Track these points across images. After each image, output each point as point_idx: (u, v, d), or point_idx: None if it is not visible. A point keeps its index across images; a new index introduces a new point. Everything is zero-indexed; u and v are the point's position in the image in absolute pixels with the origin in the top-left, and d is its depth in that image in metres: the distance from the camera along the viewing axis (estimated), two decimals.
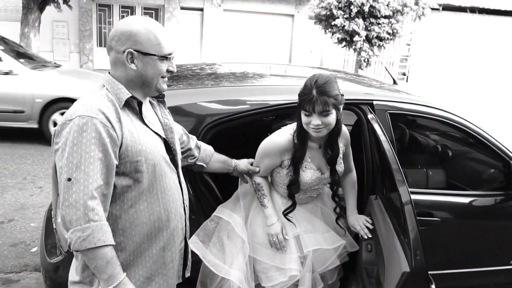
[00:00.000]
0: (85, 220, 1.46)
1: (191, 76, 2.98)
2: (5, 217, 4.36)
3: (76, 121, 1.51)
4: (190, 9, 17.51)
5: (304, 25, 18.05)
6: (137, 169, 1.62)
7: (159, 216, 1.71)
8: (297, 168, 2.20)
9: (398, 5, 13.99)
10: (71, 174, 1.48)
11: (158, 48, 1.64)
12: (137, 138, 1.62)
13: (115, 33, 1.64)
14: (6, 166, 5.77)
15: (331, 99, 2.01)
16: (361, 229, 2.34)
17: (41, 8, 12.88)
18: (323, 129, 2.08)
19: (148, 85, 1.69)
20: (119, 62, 1.65)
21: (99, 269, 1.51)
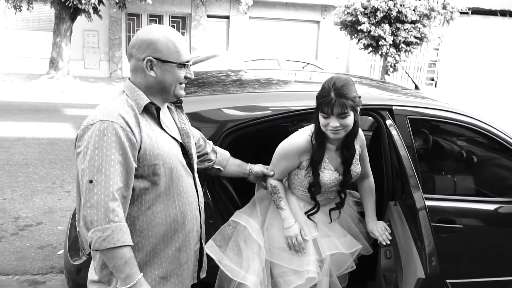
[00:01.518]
0: (105, 220, 1.53)
1: (216, 83, 3.03)
2: (33, 220, 4.50)
3: (97, 126, 1.58)
4: (216, 17, 17.72)
5: (329, 31, 18.01)
6: (154, 172, 1.68)
7: (175, 218, 1.76)
8: (316, 170, 2.22)
9: (425, 10, 13.81)
10: (92, 176, 1.54)
11: (177, 56, 1.71)
12: (155, 142, 1.68)
13: (135, 41, 1.71)
14: (36, 171, 5.95)
15: (349, 101, 2.03)
16: (379, 235, 2.32)
17: (72, 18, 13.30)
18: (341, 131, 2.10)
19: (167, 91, 1.75)
20: (139, 69, 1.71)
21: (117, 269, 1.57)
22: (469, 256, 2.68)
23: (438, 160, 3.37)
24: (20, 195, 5.13)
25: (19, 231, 4.25)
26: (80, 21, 13.83)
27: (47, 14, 15.49)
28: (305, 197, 2.33)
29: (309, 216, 2.30)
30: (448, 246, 2.54)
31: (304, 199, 2.34)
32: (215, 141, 2.33)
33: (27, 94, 12.12)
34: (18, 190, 5.25)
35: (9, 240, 4.08)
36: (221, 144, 2.35)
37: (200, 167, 2.15)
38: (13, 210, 4.72)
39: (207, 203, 2.32)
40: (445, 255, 2.55)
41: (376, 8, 13.82)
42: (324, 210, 2.37)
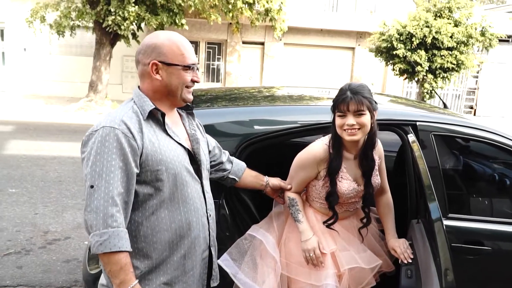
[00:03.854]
0: (103, 225, 1.53)
1: (247, 98, 3.05)
2: (62, 235, 4.58)
3: (100, 132, 1.60)
4: (251, 43, 18.02)
5: (365, 58, 17.96)
6: (157, 178, 1.67)
7: (180, 224, 1.74)
8: (333, 179, 2.17)
9: (462, 37, 13.59)
10: (93, 181, 1.56)
11: (182, 59, 1.72)
12: (158, 148, 1.67)
13: (141, 47, 1.74)
14: (69, 187, 6.09)
15: (365, 100, 2.04)
16: (401, 253, 2.22)
17: (112, 43, 13.79)
18: (358, 131, 2.07)
19: (174, 95, 1.76)
20: (145, 74, 1.73)
21: (113, 274, 1.56)
22: (496, 280, 2.53)
23: (468, 180, 3.23)
24: (51, 210, 5.25)
25: (47, 245, 4.33)
26: (119, 46, 14.34)
27: (89, 40, 16.15)
28: (323, 210, 2.28)
29: (329, 226, 2.24)
30: (475, 268, 2.41)
31: (322, 212, 2.29)
32: (235, 152, 2.32)
33: (66, 116, 12.58)
34: (50, 206, 5.38)
35: (37, 253, 4.16)
36: (240, 154, 2.34)
37: (215, 176, 2.14)
38: (43, 224, 4.83)
39: (223, 215, 2.30)
40: (471, 277, 2.43)
41: (411, 34, 13.72)
42: (344, 223, 2.30)
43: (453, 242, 2.36)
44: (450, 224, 2.39)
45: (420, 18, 13.80)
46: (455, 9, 13.99)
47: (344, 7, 18.16)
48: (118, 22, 12.38)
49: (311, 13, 17.35)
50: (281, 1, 14.12)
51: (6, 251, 4.14)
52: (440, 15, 14.04)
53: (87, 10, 12.75)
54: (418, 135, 2.45)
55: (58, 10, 13.25)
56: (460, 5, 14.07)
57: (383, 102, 2.98)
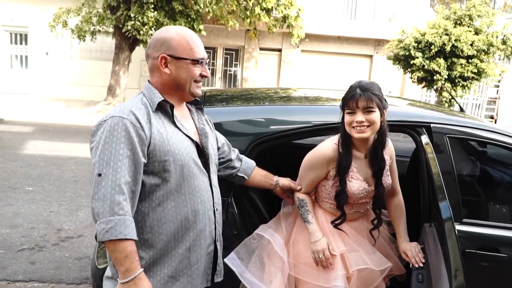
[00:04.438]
0: (110, 213, 1.53)
1: (262, 98, 3.05)
2: (75, 233, 4.62)
3: (109, 122, 1.62)
4: (269, 50, 18.06)
5: (383, 65, 17.83)
6: (165, 169, 1.68)
7: (186, 216, 1.74)
8: (343, 178, 2.15)
9: (483, 45, 13.39)
10: (101, 170, 1.57)
11: (190, 53, 1.73)
12: (166, 139, 1.68)
13: (151, 41, 1.76)
14: (84, 187, 6.16)
15: (375, 97, 2.02)
16: (412, 257, 2.17)
17: (131, 48, 13.97)
18: (367, 129, 2.04)
19: (182, 89, 1.77)
20: (155, 67, 1.75)
21: (118, 262, 1.56)
22: None
23: (484, 185, 3.16)
24: (65, 209, 5.31)
25: (60, 242, 4.38)
26: (138, 51, 14.51)
27: (109, 45, 16.38)
28: (333, 210, 2.25)
29: (337, 226, 2.21)
30: (490, 275, 2.35)
31: (332, 212, 2.25)
32: (245, 150, 2.31)
33: (85, 119, 12.76)
34: (65, 204, 5.44)
35: (50, 250, 4.20)
36: (250, 152, 2.33)
37: (224, 173, 2.13)
38: (58, 222, 4.88)
39: (232, 213, 2.29)
40: (485, 284, 2.37)
41: (430, 42, 13.58)
42: (353, 225, 2.27)
43: (467, 248, 2.31)
44: (464, 229, 2.34)
45: (440, 26, 13.66)
46: (475, 17, 13.81)
47: (362, 14, 18.09)
48: (137, 27, 12.55)
49: (329, 20, 17.33)
50: (298, 8, 14.15)
51: (20, 247, 4.19)
52: (460, 23, 13.88)
53: (107, 15, 12.96)
54: (432, 137, 2.40)
55: (79, 15, 13.49)
56: (481, 13, 13.89)
57: (399, 104, 2.95)
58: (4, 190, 5.80)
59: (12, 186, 6.00)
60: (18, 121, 11.64)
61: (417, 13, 17.30)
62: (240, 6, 13.52)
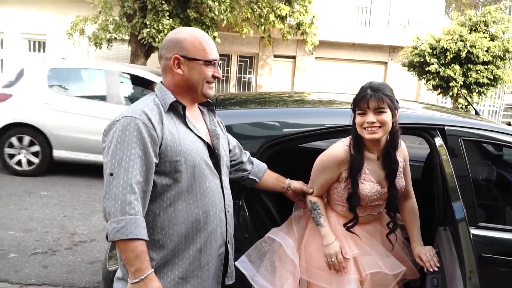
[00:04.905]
0: (121, 212, 1.53)
1: (277, 101, 3.04)
2: (88, 237, 4.65)
3: (121, 121, 1.62)
4: (283, 57, 18.08)
5: (397, 72, 17.71)
6: (176, 169, 1.67)
7: (197, 217, 1.73)
8: (355, 180, 2.12)
9: (499, 51, 13.22)
10: (113, 169, 1.57)
11: (203, 54, 1.73)
12: (177, 139, 1.68)
13: (164, 42, 1.77)
14: (98, 192, 6.20)
15: (386, 98, 2.01)
16: (427, 261, 2.13)
17: (146, 55, 14.09)
18: (378, 130, 2.01)
19: (194, 90, 1.77)
20: (167, 68, 1.75)
21: (128, 261, 1.56)
22: None
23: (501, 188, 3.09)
24: (79, 213, 5.34)
25: (73, 246, 4.40)
26: (154, 58, 14.63)
27: (125, 52, 16.56)
28: (346, 213, 2.22)
29: (350, 229, 2.18)
30: (507, 280, 2.29)
31: (345, 215, 2.22)
32: (255, 154, 2.29)
33: None
34: (79, 209, 5.49)
35: (63, 253, 4.22)
36: (261, 155, 2.31)
37: (235, 176, 2.12)
38: (71, 226, 4.91)
39: (243, 216, 2.27)
40: None
41: (445, 48, 13.45)
42: (366, 228, 2.23)
43: (484, 252, 2.26)
44: (480, 233, 2.29)
45: (455, 32, 13.53)
46: (491, 23, 13.66)
47: (376, 21, 18.02)
48: (152, 35, 12.65)
49: (343, 27, 17.30)
50: (313, 15, 14.14)
51: (33, 250, 4.23)
52: (475, 29, 13.74)
53: (123, 23, 13.10)
54: (446, 140, 2.36)
55: (96, 23, 13.66)
56: (496, 19, 13.73)
57: (414, 107, 2.92)
58: (19, 195, 5.87)
59: (27, 190, 6.07)
60: None
61: (432, 19, 17.19)
62: (255, 14, 13.57)
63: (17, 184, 6.30)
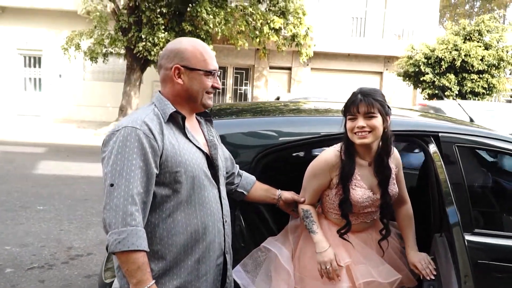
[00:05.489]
0: (122, 224, 1.52)
1: (273, 111, 3.05)
2: (84, 251, 4.61)
3: (122, 132, 1.61)
4: (278, 68, 18.18)
5: (393, 82, 17.83)
6: (176, 180, 1.66)
7: (196, 228, 1.72)
8: (346, 185, 2.10)
9: (493, 60, 13.33)
10: (113, 180, 1.56)
11: (204, 64, 1.74)
12: (178, 150, 1.68)
13: (164, 52, 1.77)
14: (94, 205, 6.17)
15: (376, 103, 2.00)
16: (423, 269, 2.12)
17: (142, 69, 14.16)
18: (369, 135, 2.01)
19: (194, 100, 1.77)
20: (167, 78, 1.75)
21: (130, 273, 1.54)
22: None
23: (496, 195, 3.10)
24: (75, 227, 5.31)
25: (69, 260, 4.37)
26: (149, 72, 14.72)
27: (121, 66, 16.65)
28: (339, 221, 2.20)
29: (343, 236, 2.16)
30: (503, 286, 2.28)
31: (338, 223, 2.21)
32: (250, 163, 2.29)
33: (97, 139, 12.86)
34: (75, 223, 5.45)
35: (59, 268, 4.19)
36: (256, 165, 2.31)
37: None
38: (67, 240, 4.88)
39: (239, 226, 2.26)
40: None
41: (440, 58, 13.57)
42: (361, 236, 2.22)
43: (480, 259, 2.25)
44: (476, 239, 2.28)
45: (449, 42, 13.66)
46: (485, 32, 13.80)
47: (371, 32, 18.17)
48: (148, 48, 12.74)
49: (338, 38, 17.43)
50: (307, 26, 14.26)
51: (30, 265, 4.19)
52: (469, 38, 13.87)
53: (119, 37, 13.19)
54: (441, 146, 2.37)
55: (92, 37, 13.75)
56: (490, 28, 13.87)
57: (409, 114, 2.93)
58: (16, 209, 5.83)
59: (24, 205, 6.04)
60: (30, 142, 11.78)
61: (426, 29, 17.35)
62: (249, 26, 13.68)
63: (13, 199, 6.27)
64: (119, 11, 13.54)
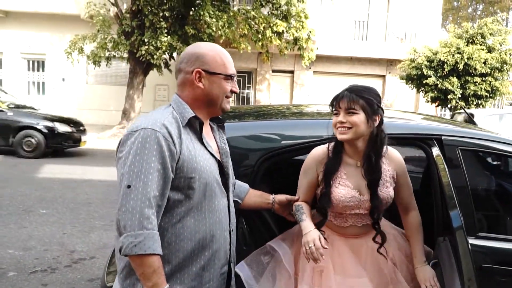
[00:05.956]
0: (139, 227, 1.52)
1: (275, 114, 3.05)
2: (87, 254, 4.61)
3: (141, 133, 1.60)
4: (281, 72, 18.19)
5: (395, 85, 17.81)
6: (190, 186, 1.66)
7: (204, 235, 1.72)
8: (328, 181, 2.07)
9: (496, 63, 13.31)
10: (131, 181, 1.55)
11: (223, 68, 1.75)
12: (194, 156, 1.68)
13: (184, 55, 1.77)
14: (97, 209, 6.18)
15: (360, 100, 1.97)
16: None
17: (145, 72, 14.18)
18: (348, 131, 1.98)
19: (214, 104, 1.78)
20: (187, 82, 1.75)
21: (145, 276, 1.54)
22: None
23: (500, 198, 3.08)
24: (78, 230, 5.32)
25: (72, 264, 4.37)
26: (152, 75, 14.75)
27: (124, 70, 16.69)
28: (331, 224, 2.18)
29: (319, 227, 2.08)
30: None
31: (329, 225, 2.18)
32: (252, 166, 2.29)
33: (100, 142, 12.90)
34: (78, 226, 5.46)
35: (62, 271, 4.19)
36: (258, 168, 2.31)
37: None
38: (70, 244, 4.88)
39: (241, 228, 2.26)
40: None
41: (443, 61, 13.55)
42: (352, 243, 2.14)
43: (484, 263, 2.23)
44: (480, 243, 2.27)
45: (452, 45, 13.64)
46: (487, 35, 13.78)
47: (373, 35, 18.18)
48: (151, 52, 12.77)
49: (341, 41, 17.44)
50: (309, 30, 14.28)
51: (33, 269, 4.19)
52: (472, 42, 13.85)
53: (122, 41, 13.22)
54: (444, 149, 2.36)
55: (95, 41, 13.79)
56: (493, 31, 13.85)
57: (412, 118, 2.92)
58: (19, 213, 5.84)
59: (27, 209, 6.05)
60: None
61: (429, 32, 17.34)
62: (252, 30, 13.71)
63: (17, 203, 6.28)
64: (122, 15, 13.59)
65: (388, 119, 2.78)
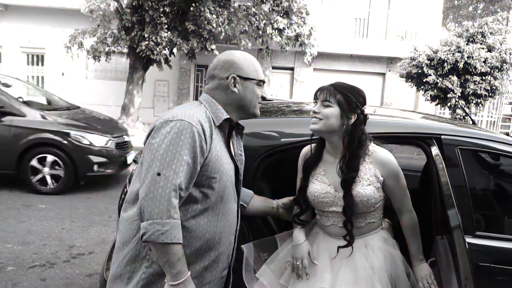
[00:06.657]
0: (166, 215, 1.55)
1: (275, 111, 3.05)
2: (86, 250, 4.63)
3: (177, 124, 1.64)
4: (281, 69, 18.17)
5: (395, 83, 17.80)
6: (210, 185, 1.71)
7: (213, 236, 1.76)
8: (306, 175, 2.15)
9: (496, 62, 13.30)
10: (161, 169, 1.58)
11: (256, 74, 1.84)
12: (220, 157, 1.73)
13: (218, 62, 1.83)
14: (96, 205, 6.19)
15: (338, 95, 2.00)
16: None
17: (145, 68, 14.15)
18: (319, 122, 2.02)
19: (245, 108, 1.85)
20: (221, 87, 1.81)
21: (171, 264, 1.58)
22: None
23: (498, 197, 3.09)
24: (77, 226, 5.33)
25: (71, 259, 4.38)
26: (152, 71, 14.70)
27: (123, 65, 16.65)
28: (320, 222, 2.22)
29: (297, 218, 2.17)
30: None
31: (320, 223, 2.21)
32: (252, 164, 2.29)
33: None
34: (77, 221, 5.47)
35: (61, 266, 4.20)
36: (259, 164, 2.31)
37: None
38: (69, 239, 4.89)
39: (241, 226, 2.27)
40: None
41: (443, 59, 13.53)
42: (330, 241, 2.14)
43: (482, 262, 2.25)
44: (477, 242, 2.28)
45: (452, 43, 13.63)
46: (488, 34, 13.76)
47: (374, 33, 18.14)
48: (151, 47, 12.72)
49: (341, 39, 17.41)
50: (311, 26, 14.25)
51: (31, 263, 4.21)
52: (473, 40, 13.83)
53: (122, 36, 13.18)
54: (443, 149, 2.37)
55: (95, 36, 13.75)
56: (493, 30, 13.84)
57: (411, 117, 2.93)
58: (17, 208, 5.85)
59: (25, 203, 6.06)
60: None
61: (429, 31, 17.32)
62: (252, 26, 13.67)
63: (15, 198, 6.29)
64: (122, 10, 13.54)
65: (387, 118, 2.81)
